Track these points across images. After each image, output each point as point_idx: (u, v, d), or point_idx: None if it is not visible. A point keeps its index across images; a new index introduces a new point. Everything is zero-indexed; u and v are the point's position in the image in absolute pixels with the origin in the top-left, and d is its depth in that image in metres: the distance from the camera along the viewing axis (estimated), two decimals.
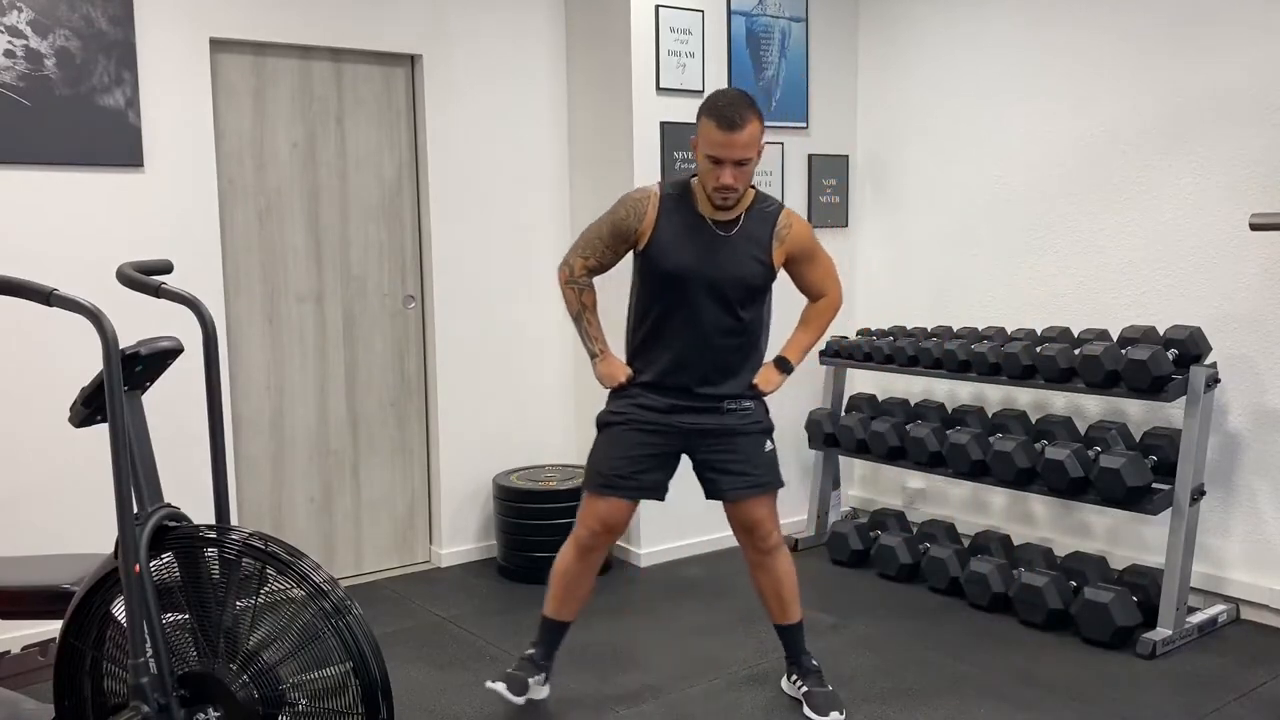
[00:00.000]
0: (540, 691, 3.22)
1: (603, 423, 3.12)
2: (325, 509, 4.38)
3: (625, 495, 3.07)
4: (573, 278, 3.09)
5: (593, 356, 3.12)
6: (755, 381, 3.07)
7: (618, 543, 4.61)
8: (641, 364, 3.07)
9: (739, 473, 3.06)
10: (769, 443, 3.12)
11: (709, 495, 3.14)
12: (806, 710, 3.12)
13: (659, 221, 2.95)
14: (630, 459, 3.04)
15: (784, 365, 3.13)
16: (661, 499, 3.15)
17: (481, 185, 4.53)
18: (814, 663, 3.22)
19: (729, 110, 2.79)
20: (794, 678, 3.23)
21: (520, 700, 3.13)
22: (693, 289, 2.94)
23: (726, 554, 4.69)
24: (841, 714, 3.09)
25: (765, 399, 3.13)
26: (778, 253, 2.98)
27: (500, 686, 3.12)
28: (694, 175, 2.98)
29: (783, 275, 3.08)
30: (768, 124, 4.64)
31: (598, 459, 3.10)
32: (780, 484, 3.15)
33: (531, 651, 3.22)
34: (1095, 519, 4.24)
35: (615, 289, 3.25)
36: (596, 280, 3.13)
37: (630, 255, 3.07)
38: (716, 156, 2.81)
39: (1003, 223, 4.52)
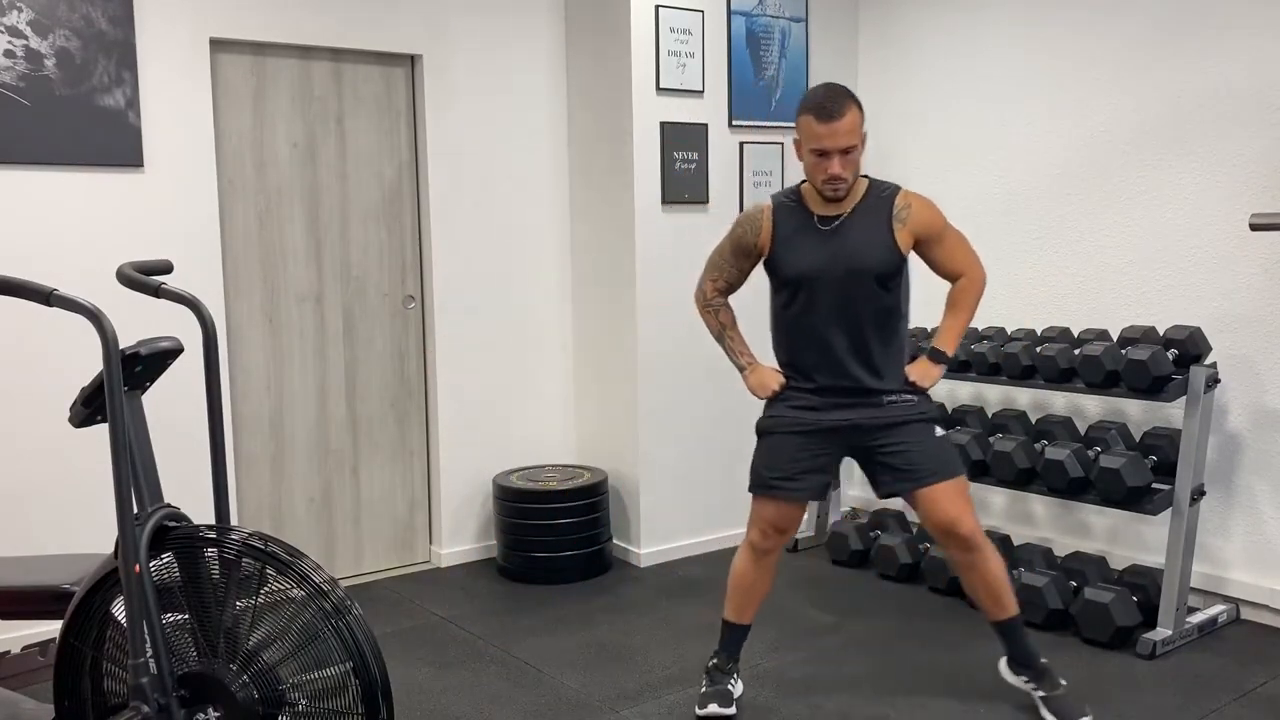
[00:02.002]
0: (737, 689, 3.23)
1: (762, 430, 3.10)
2: (325, 509, 4.38)
3: (787, 497, 3.03)
4: (706, 301, 3.17)
5: (741, 370, 3.13)
6: (910, 378, 3.01)
7: (617, 542, 4.62)
8: (790, 370, 3.06)
9: (907, 464, 2.97)
10: (937, 429, 3.07)
11: (880, 492, 3.07)
12: (1047, 716, 3.05)
13: (776, 230, 2.98)
14: (791, 461, 3.02)
15: (938, 356, 3.05)
16: (824, 498, 3.11)
17: (481, 185, 4.53)
18: (1043, 661, 3.13)
19: (826, 102, 2.83)
20: (1024, 678, 3.14)
21: (732, 710, 3.13)
22: (821, 288, 2.93)
23: (726, 554, 4.68)
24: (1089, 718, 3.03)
25: (926, 390, 3.06)
26: (901, 235, 2.93)
27: (712, 708, 3.10)
28: (803, 181, 3.00)
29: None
30: (768, 124, 4.72)
31: (759, 463, 3.09)
32: (961, 471, 3.02)
33: (715, 660, 3.22)
34: (1095, 519, 4.24)
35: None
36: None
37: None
38: (821, 149, 2.83)
39: (1003, 223, 4.52)
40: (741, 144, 4.66)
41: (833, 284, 2.92)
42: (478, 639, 3.79)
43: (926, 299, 3.78)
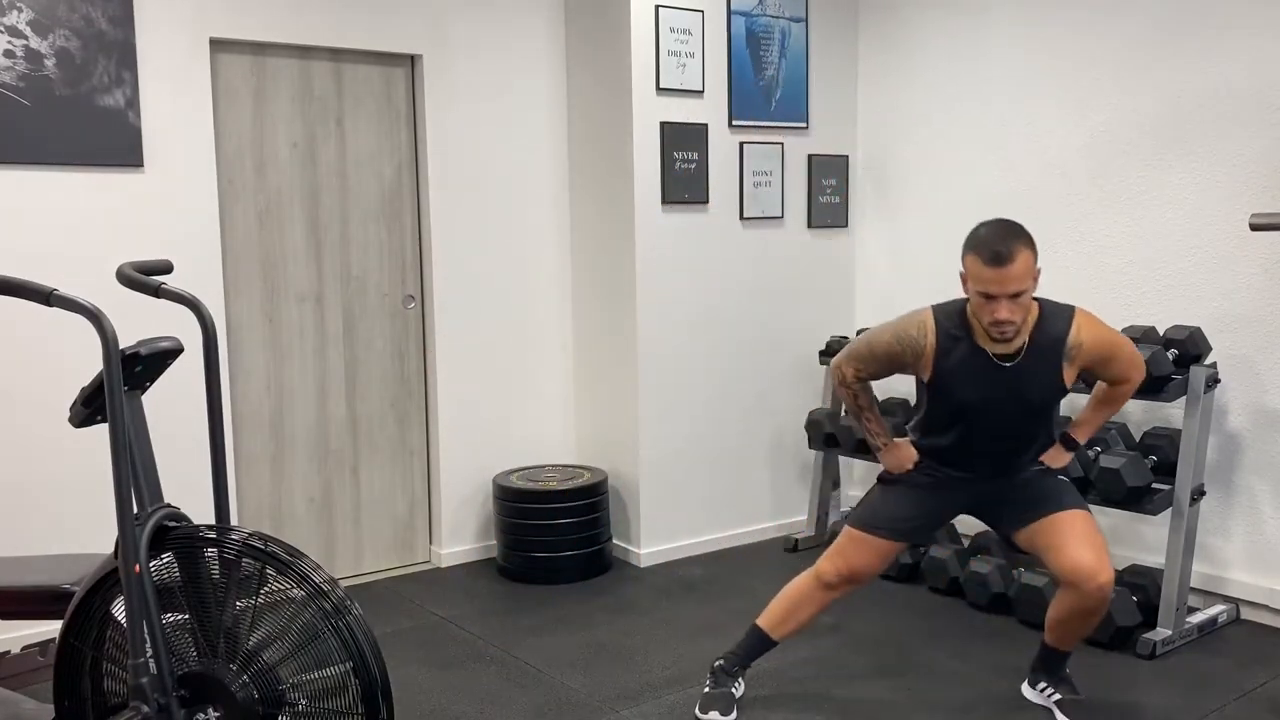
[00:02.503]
0: (739, 690, 3.22)
1: (887, 480, 3.11)
2: (325, 509, 4.38)
3: (886, 537, 3.02)
4: (846, 382, 3.07)
5: (877, 450, 3.11)
6: (1043, 459, 3.01)
7: (617, 542, 4.62)
8: (934, 458, 3.02)
9: (1029, 499, 2.95)
10: (1060, 476, 3.04)
11: (1004, 533, 3.08)
12: (1060, 717, 3.08)
13: (938, 359, 2.87)
14: (908, 510, 3.03)
15: (1071, 445, 3.04)
16: (921, 544, 3.11)
17: (481, 185, 4.53)
18: (1067, 670, 3.17)
19: (996, 244, 2.66)
20: (1043, 686, 3.16)
21: (733, 715, 3.12)
22: (984, 418, 2.88)
23: (727, 554, 4.70)
24: None
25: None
26: (1069, 373, 2.84)
27: (714, 715, 3.09)
28: (966, 302, 2.85)
29: None
30: (768, 124, 4.72)
31: (872, 505, 3.10)
32: (1084, 506, 2.97)
33: (722, 662, 3.21)
34: (1095, 519, 4.23)
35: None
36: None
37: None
38: (988, 293, 2.69)
39: None
40: (741, 144, 4.66)
41: (996, 418, 2.88)
42: (478, 639, 3.79)
43: None
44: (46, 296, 2.04)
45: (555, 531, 4.34)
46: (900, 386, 4.89)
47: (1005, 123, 4.47)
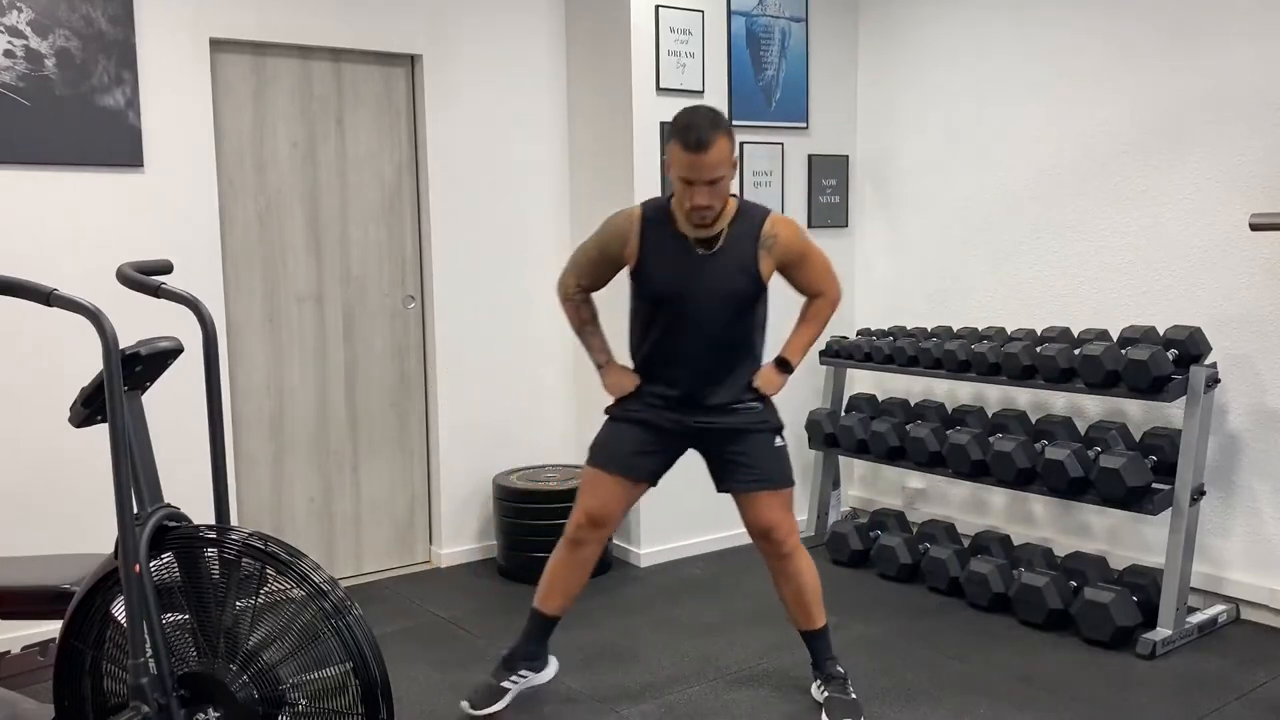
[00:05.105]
0: (542, 677, 3.28)
1: (611, 415, 3.15)
2: (325, 509, 4.38)
3: (618, 471, 3.07)
4: (568, 295, 3.15)
5: (599, 367, 3.16)
6: (756, 384, 3.07)
7: (617, 542, 4.62)
8: (646, 374, 3.09)
9: (746, 467, 3.05)
10: (778, 439, 3.12)
11: (719, 488, 3.16)
12: (824, 718, 3.10)
13: (643, 245, 2.97)
14: (631, 442, 3.07)
15: (784, 365, 3.11)
16: (653, 485, 3.15)
17: (481, 185, 4.53)
18: (839, 669, 3.19)
19: (694, 131, 2.75)
20: (818, 683, 3.20)
21: (499, 707, 3.16)
22: (683, 308, 2.96)
23: (727, 554, 4.69)
24: None
25: (773, 397, 3.13)
26: (765, 264, 2.96)
27: (465, 705, 3.16)
28: (672, 195, 2.96)
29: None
30: (768, 124, 4.72)
31: (598, 440, 3.15)
32: (790, 482, 3.12)
33: (505, 652, 3.28)
34: (1095, 519, 4.24)
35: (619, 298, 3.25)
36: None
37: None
38: (687, 178, 2.79)
39: (1003, 222, 4.52)
40: (741, 144, 4.65)
41: (695, 307, 2.95)
42: (478, 639, 3.79)
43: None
44: (46, 296, 2.04)
45: (555, 531, 4.26)
46: (894, 386, 4.89)
47: (1005, 122, 4.47)
